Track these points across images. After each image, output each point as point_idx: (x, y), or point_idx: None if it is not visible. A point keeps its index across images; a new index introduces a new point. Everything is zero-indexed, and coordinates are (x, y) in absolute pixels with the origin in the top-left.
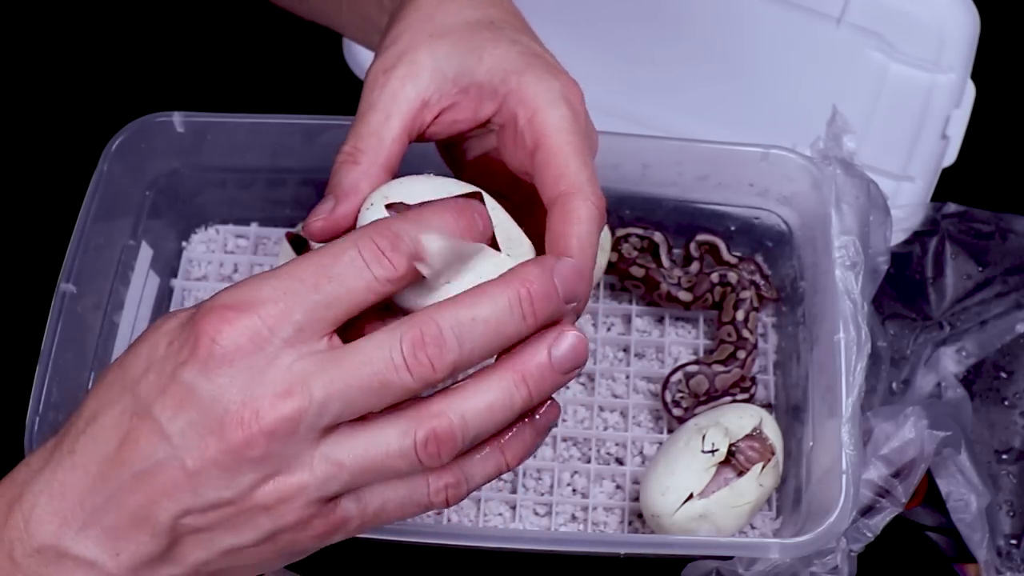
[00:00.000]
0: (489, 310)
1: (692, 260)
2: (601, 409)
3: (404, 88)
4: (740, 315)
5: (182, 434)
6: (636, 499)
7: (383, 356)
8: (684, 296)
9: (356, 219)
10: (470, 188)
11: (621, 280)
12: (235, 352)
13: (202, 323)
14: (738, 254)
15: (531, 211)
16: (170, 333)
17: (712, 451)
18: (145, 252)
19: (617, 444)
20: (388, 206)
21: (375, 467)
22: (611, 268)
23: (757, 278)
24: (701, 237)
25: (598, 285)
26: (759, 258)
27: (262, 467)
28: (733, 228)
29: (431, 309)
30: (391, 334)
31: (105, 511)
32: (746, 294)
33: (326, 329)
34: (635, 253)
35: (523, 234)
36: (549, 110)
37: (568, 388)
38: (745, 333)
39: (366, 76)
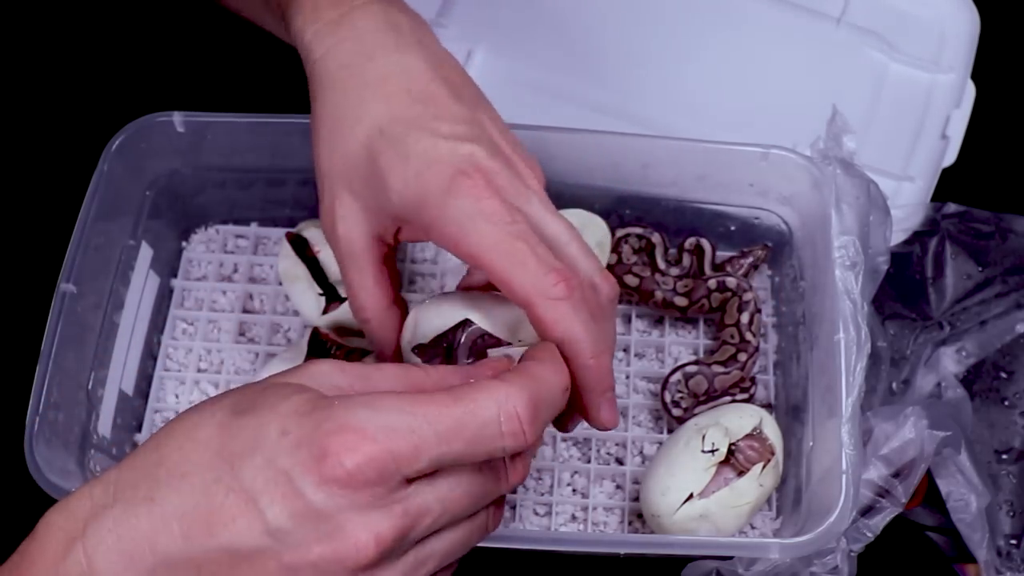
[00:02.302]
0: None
1: (684, 253)
2: None
3: (353, 239)
4: (744, 318)
5: (288, 534)
6: (636, 499)
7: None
8: (680, 301)
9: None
10: (493, 296)
11: None
12: (360, 480)
13: (330, 440)
14: (722, 257)
15: None
16: (284, 420)
17: (712, 451)
18: (145, 252)
19: (617, 444)
20: (415, 350)
21: (459, 551)
22: (608, 271)
23: (745, 261)
24: (692, 240)
25: None
26: (736, 252)
27: (364, 574)
28: (733, 228)
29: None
30: (494, 473)
31: (179, 567)
32: (748, 296)
33: (440, 468)
34: (633, 257)
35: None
36: (468, 236)
37: None
38: (748, 336)
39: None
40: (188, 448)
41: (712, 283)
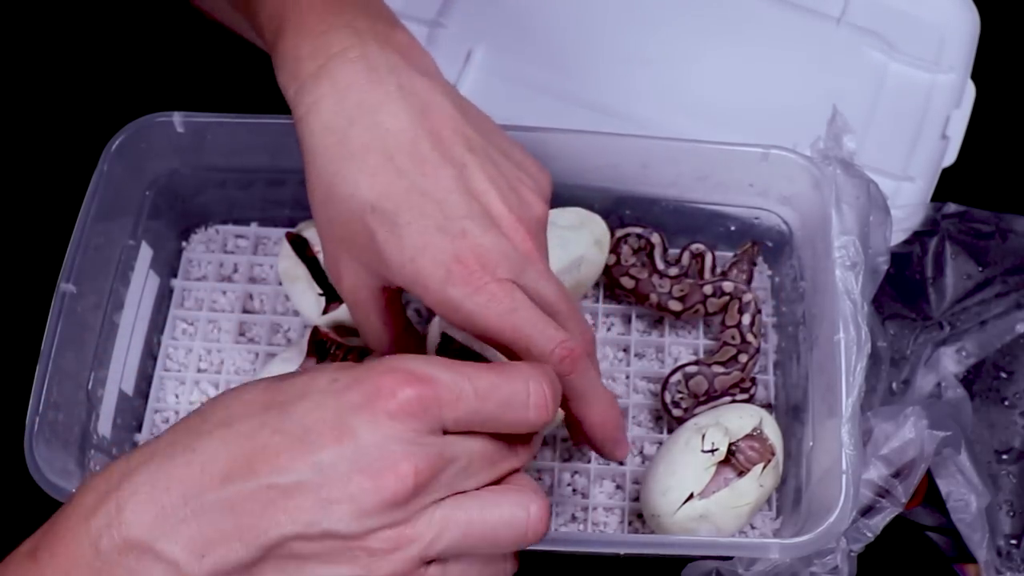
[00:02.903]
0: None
1: (686, 252)
2: None
3: (358, 291)
4: (746, 319)
5: (331, 466)
6: (636, 499)
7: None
8: (675, 306)
9: None
10: None
11: (611, 288)
12: (405, 413)
13: (383, 378)
14: (724, 265)
15: None
16: (334, 372)
17: (712, 451)
18: (145, 252)
19: None
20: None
21: (483, 534)
22: (606, 271)
23: (743, 265)
24: (695, 247)
25: (598, 285)
26: (732, 256)
27: (393, 515)
28: (733, 228)
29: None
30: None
31: (212, 512)
32: (748, 297)
33: (469, 429)
34: (632, 259)
35: None
36: (472, 321)
37: None
38: (750, 337)
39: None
40: (234, 406)
41: (708, 288)
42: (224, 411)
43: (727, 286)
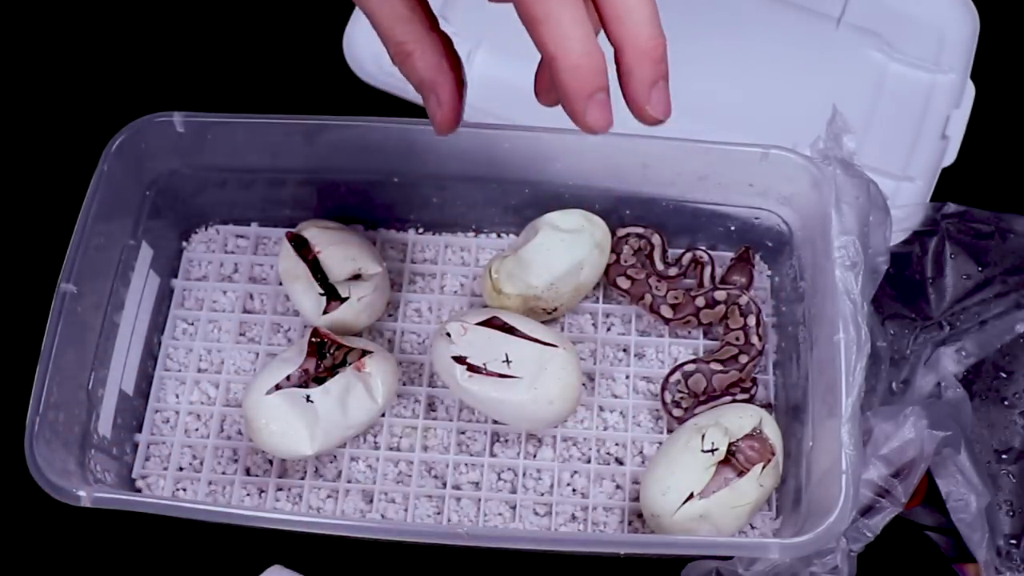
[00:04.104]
0: None
1: (688, 253)
2: (601, 409)
3: None
4: (751, 320)
5: None
6: (636, 499)
7: None
8: (666, 312)
9: (462, 97)
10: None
11: (608, 286)
12: None
13: None
14: (723, 268)
15: None
16: None
17: (712, 451)
18: (145, 252)
19: (617, 444)
20: (455, 358)
21: None
22: (604, 270)
23: (740, 267)
24: (698, 253)
25: (598, 285)
26: (729, 260)
27: None
28: (733, 228)
29: None
30: None
31: None
32: (745, 299)
33: None
34: (631, 259)
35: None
36: None
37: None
38: (754, 339)
39: None
40: None
41: (700, 300)
42: None
43: (719, 295)
